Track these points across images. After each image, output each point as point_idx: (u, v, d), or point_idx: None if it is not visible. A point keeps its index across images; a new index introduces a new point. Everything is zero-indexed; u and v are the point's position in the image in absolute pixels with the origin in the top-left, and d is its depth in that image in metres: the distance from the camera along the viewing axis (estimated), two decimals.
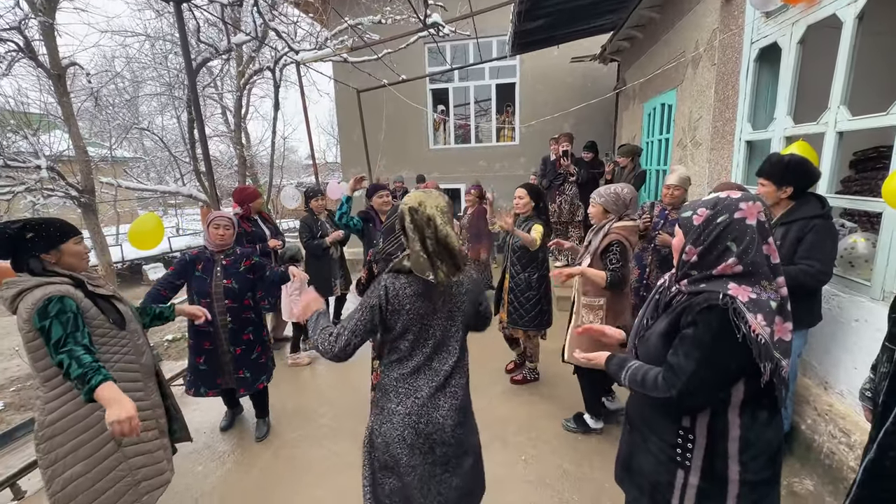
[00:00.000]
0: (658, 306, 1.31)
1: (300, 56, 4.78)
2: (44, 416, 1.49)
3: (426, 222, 1.36)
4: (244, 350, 2.60)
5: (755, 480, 1.14)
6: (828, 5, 2.28)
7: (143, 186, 7.35)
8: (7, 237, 1.45)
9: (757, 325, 1.02)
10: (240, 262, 2.60)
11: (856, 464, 1.97)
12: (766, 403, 1.13)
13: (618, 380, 1.31)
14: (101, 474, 1.54)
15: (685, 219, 1.19)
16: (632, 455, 1.36)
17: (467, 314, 1.50)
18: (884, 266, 1.98)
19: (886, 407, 1.25)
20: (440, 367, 1.45)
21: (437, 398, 1.43)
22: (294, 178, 20.15)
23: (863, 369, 2.07)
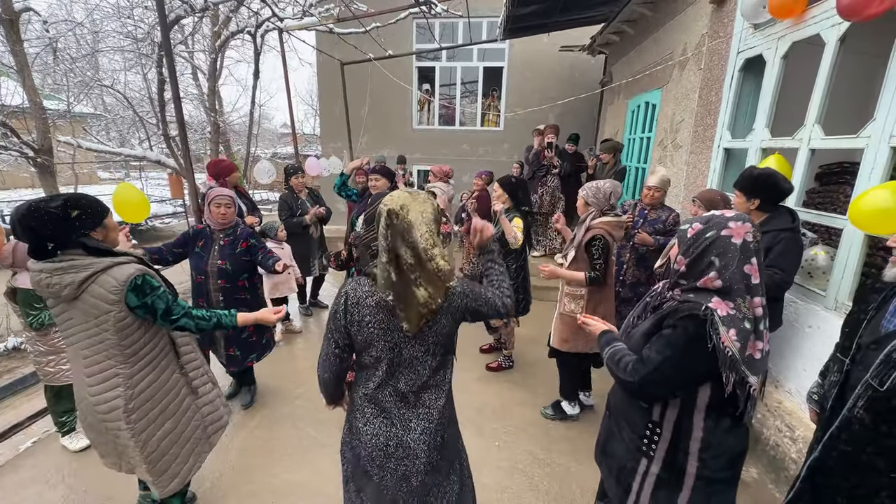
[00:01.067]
0: (647, 309, 1.44)
1: (284, 24, 4.53)
2: (130, 390, 1.54)
3: (404, 230, 1.15)
4: (236, 329, 2.57)
5: (712, 477, 1.27)
6: (813, 24, 2.36)
7: (106, 148, 6.89)
8: (56, 218, 1.35)
9: (727, 339, 1.12)
10: (237, 244, 2.61)
11: (797, 456, 2.17)
12: (730, 412, 1.24)
13: (602, 353, 1.45)
14: (184, 426, 1.71)
15: (682, 231, 1.29)
16: (608, 440, 1.52)
17: (444, 334, 1.27)
18: (839, 279, 2.15)
19: (833, 412, 1.39)
20: (408, 388, 1.28)
21: (408, 420, 1.29)
22: (269, 148, 19.38)
23: (811, 371, 2.26)
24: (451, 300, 1.25)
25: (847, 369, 1.38)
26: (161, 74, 6.22)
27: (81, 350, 1.50)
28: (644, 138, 4.96)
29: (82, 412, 1.62)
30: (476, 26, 8.06)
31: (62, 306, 1.46)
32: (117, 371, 1.52)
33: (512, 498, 2.23)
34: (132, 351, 1.53)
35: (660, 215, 3.04)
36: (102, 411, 1.54)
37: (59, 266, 1.37)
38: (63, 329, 1.52)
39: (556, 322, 2.64)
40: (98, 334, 1.46)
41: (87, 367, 1.51)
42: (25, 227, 1.34)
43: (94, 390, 1.53)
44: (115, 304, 1.42)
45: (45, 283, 1.39)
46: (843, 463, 1.34)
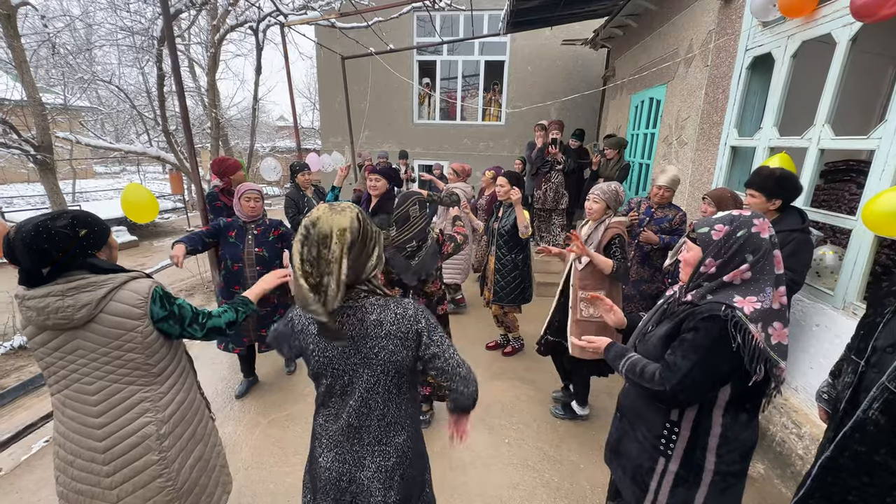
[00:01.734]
0: (664, 314, 1.43)
1: (287, 19, 4.49)
2: (161, 413, 1.41)
3: (321, 240, 1.08)
4: (268, 312, 2.90)
5: (727, 471, 1.30)
6: (824, 24, 2.36)
7: (105, 144, 6.83)
8: (66, 238, 1.24)
9: (757, 334, 1.15)
10: (269, 232, 2.83)
11: (804, 452, 2.21)
12: (748, 407, 1.28)
13: (615, 367, 1.43)
14: (210, 452, 1.61)
15: (703, 234, 1.28)
16: (620, 440, 1.53)
17: (393, 361, 1.16)
18: (847, 279, 2.17)
19: (846, 414, 1.41)
20: (362, 423, 1.19)
21: (362, 458, 1.21)
22: (267, 142, 19.25)
23: (818, 370, 2.30)
24: (399, 323, 1.15)
25: (861, 371, 1.40)
26: (160, 69, 6.15)
27: (90, 385, 1.34)
28: (648, 134, 4.96)
29: (73, 476, 1.38)
30: (477, 20, 7.99)
31: (64, 337, 1.29)
32: (143, 395, 1.39)
33: (523, 495, 2.26)
34: (159, 370, 1.42)
35: (666, 214, 3.05)
36: (123, 450, 1.36)
37: (72, 286, 1.25)
38: (59, 367, 1.33)
39: (574, 328, 2.55)
40: (120, 357, 1.33)
41: (100, 402, 1.35)
42: (35, 249, 1.21)
43: (110, 428, 1.35)
44: (142, 319, 1.34)
45: (55, 308, 1.24)
46: (855, 463, 1.37)
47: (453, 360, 1.22)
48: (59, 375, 1.34)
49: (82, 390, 1.34)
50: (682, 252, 1.39)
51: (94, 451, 1.35)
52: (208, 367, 3.47)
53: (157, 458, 1.40)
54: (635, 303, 3.17)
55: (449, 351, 1.22)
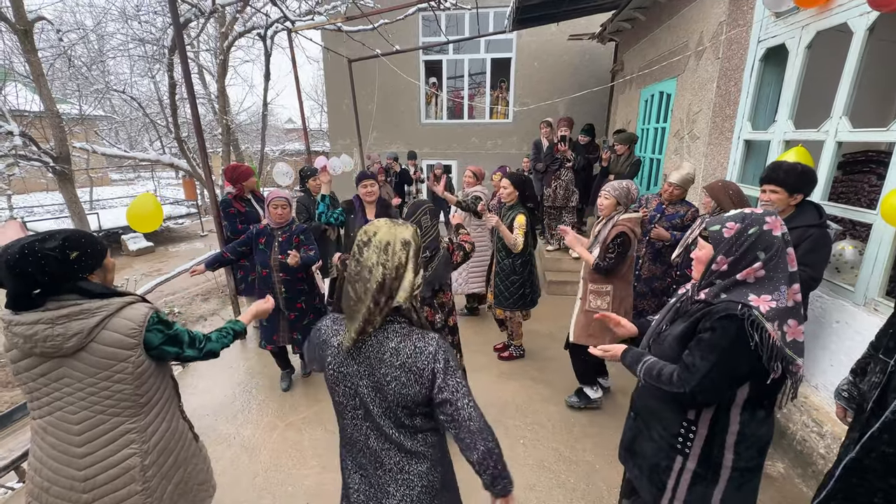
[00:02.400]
0: (678, 313, 1.42)
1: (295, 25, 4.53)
2: (146, 444, 1.37)
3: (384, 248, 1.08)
4: (297, 316, 3.03)
5: (745, 467, 1.31)
6: (840, 13, 2.30)
7: (120, 153, 6.99)
8: (54, 261, 1.17)
9: (774, 332, 1.14)
10: (292, 239, 2.93)
11: (825, 451, 2.17)
12: (765, 404, 1.29)
13: (633, 371, 1.43)
14: (191, 472, 1.57)
15: (715, 232, 1.28)
16: (635, 440, 1.53)
17: (403, 395, 1.09)
18: (868, 275, 2.12)
19: (873, 414, 1.39)
20: (381, 447, 1.15)
21: (386, 484, 1.16)
22: (276, 145, 19.46)
23: (838, 367, 2.25)
24: (417, 358, 1.08)
25: (891, 371, 1.37)
26: (172, 78, 6.26)
27: (74, 414, 1.28)
28: (658, 129, 4.90)
29: (48, 501, 1.32)
30: (483, 17, 7.96)
31: (50, 364, 1.23)
32: (128, 426, 1.33)
33: (540, 496, 2.27)
34: (146, 399, 1.36)
35: (678, 210, 3.02)
36: (105, 480, 1.31)
37: (63, 313, 1.18)
38: (43, 394, 1.27)
39: (580, 318, 2.67)
40: (108, 388, 1.27)
41: (83, 431, 1.29)
42: (19, 272, 1.14)
43: (91, 458, 1.30)
44: (135, 349, 1.28)
45: (44, 336, 1.17)
46: (883, 465, 1.35)
47: (465, 411, 1.10)
48: (42, 402, 1.28)
49: (65, 419, 1.28)
50: (694, 249, 1.39)
51: (74, 480, 1.30)
52: (225, 372, 3.53)
53: (140, 489, 1.36)
54: (648, 300, 3.14)
55: (463, 400, 1.10)
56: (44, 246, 1.17)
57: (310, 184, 4.05)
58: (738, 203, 2.45)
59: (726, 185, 2.55)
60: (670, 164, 4.54)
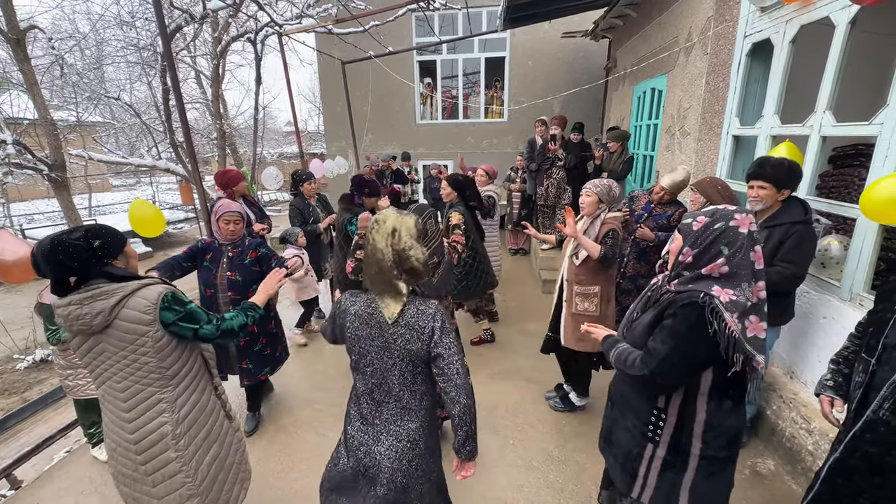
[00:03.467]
0: (649, 302, 1.48)
1: (283, 28, 4.53)
2: (176, 414, 1.51)
3: (391, 232, 1.32)
4: (247, 342, 2.65)
5: (714, 456, 1.35)
6: (823, 6, 2.29)
7: (116, 160, 7.02)
8: (80, 249, 1.35)
9: (732, 323, 1.17)
10: (245, 254, 2.58)
11: (813, 448, 2.16)
12: (731, 394, 1.31)
13: (607, 356, 1.51)
14: (227, 450, 1.69)
15: (685, 225, 1.33)
16: (611, 429, 1.58)
17: (408, 350, 1.32)
18: (853, 269, 2.11)
19: (857, 414, 1.37)
20: (382, 399, 1.37)
21: (379, 433, 1.38)
22: (275, 148, 19.48)
23: (826, 363, 2.22)
24: (419, 317, 1.32)
25: (872, 369, 1.35)
26: (165, 84, 6.28)
27: (118, 383, 1.46)
28: (651, 125, 4.88)
29: (118, 461, 1.53)
30: (476, 17, 7.95)
31: (92, 341, 1.42)
32: (160, 396, 1.49)
33: (528, 496, 2.26)
34: (172, 372, 1.51)
35: (665, 210, 3.00)
36: (147, 445, 1.48)
37: (87, 295, 1.36)
38: (94, 367, 1.47)
39: (569, 322, 2.63)
40: (136, 360, 1.43)
41: (126, 399, 1.47)
42: (52, 261, 1.33)
43: (136, 424, 1.48)
44: (151, 325, 1.42)
45: (76, 315, 1.35)
46: (866, 464, 1.33)
47: (454, 367, 1.33)
48: (96, 374, 1.48)
49: (114, 387, 1.48)
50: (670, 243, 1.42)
51: (129, 443, 1.49)
52: None
53: (175, 456, 1.51)
54: (633, 297, 3.12)
55: (454, 357, 1.33)
56: (70, 237, 1.35)
57: (305, 188, 4.05)
58: (726, 198, 2.44)
59: (714, 181, 2.54)
60: (663, 160, 4.53)
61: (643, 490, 1.44)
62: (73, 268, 1.35)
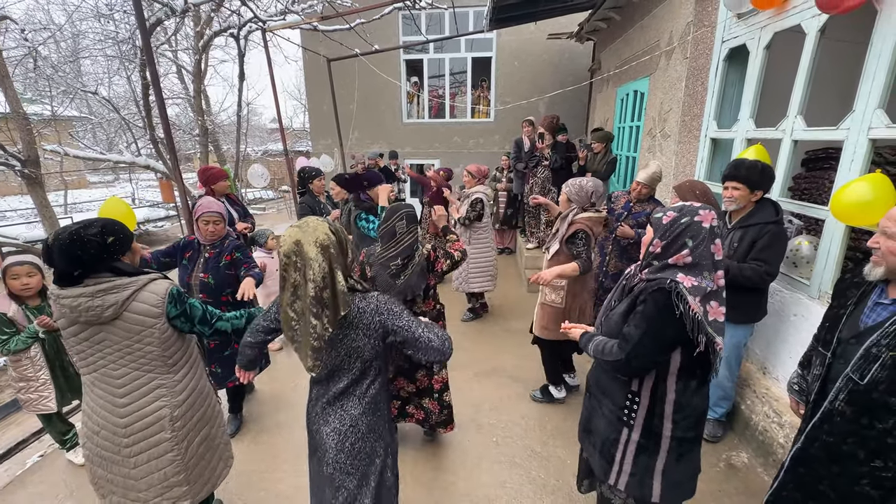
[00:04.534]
0: (623, 291, 1.57)
1: (267, 24, 4.47)
2: (175, 398, 1.60)
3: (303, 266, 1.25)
4: (217, 345, 2.60)
5: (682, 437, 1.44)
6: (794, 14, 2.37)
7: (94, 156, 6.82)
8: (97, 245, 1.41)
9: (695, 305, 1.28)
10: (221, 257, 2.52)
11: (784, 441, 2.24)
12: (697, 374, 1.41)
13: (586, 350, 1.59)
14: (216, 431, 1.80)
15: (656, 219, 1.43)
16: (590, 419, 1.66)
17: (355, 348, 1.36)
18: (822, 268, 2.19)
19: (816, 405, 1.44)
20: (332, 386, 1.44)
21: (328, 413, 1.45)
22: (259, 145, 19.19)
23: (797, 359, 2.29)
24: (361, 316, 1.34)
25: (829, 363, 1.42)
26: (145, 79, 6.14)
27: (115, 371, 1.52)
28: (633, 127, 4.97)
29: (98, 443, 1.57)
30: (462, 16, 7.97)
31: (93, 330, 1.47)
32: (160, 382, 1.58)
33: (511, 492, 2.29)
34: (174, 360, 1.61)
35: (645, 208, 3.06)
36: (141, 427, 1.55)
37: (100, 288, 1.41)
38: (89, 354, 1.51)
39: (538, 311, 2.78)
40: (141, 349, 1.51)
41: (123, 385, 1.53)
42: (70, 254, 1.38)
43: (131, 408, 1.54)
44: (159, 317, 1.51)
45: (86, 307, 1.40)
46: (825, 453, 1.39)
47: (423, 339, 1.39)
48: (89, 361, 1.52)
49: (109, 374, 1.53)
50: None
51: (117, 426, 1.54)
52: None
53: (169, 437, 1.59)
54: None
55: (417, 332, 1.39)
56: (87, 232, 1.41)
57: (315, 184, 4.00)
58: (703, 201, 2.50)
59: (693, 185, 2.60)
60: (644, 162, 4.61)
61: (619, 476, 1.51)
62: (85, 262, 1.41)
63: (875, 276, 1.32)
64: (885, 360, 1.22)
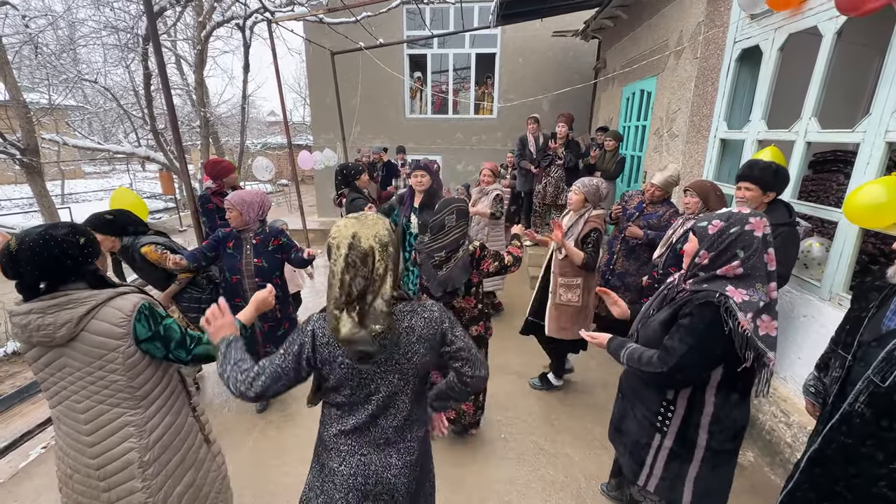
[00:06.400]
0: (665, 300, 1.52)
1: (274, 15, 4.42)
2: (146, 439, 1.35)
3: (361, 259, 1.08)
4: (272, 326, 2.78)
5: (718, 449, 1.41)
6: (811, 16, 2.37)
7: (93, 145, 6.74)
8: (73, 245, 1.22)
9: (745, 322, 1.22)
10: (269, 242, 2.68)
11: (792, 440, 2.26)
12: (739, 388, 1.38)
13: (616, 357, 1.53)
14: (203, 477, 1.52)
15: (701, 228, 1.37)
16: (622, 419, 1.64)
17: (422, 364, 1.20)
18: (833, 270, 2.21)
19: (834, 407, 1.44)
20: (388, 423, 1.21)
21: (389, 456, 1.23)
22: (258, 138, 19.05)
23: (805, 360, 2.34)
24: (429, 327, 1.18)
25: (849, 365, 1.42)
26: (147, 68, 6.06)
27: (78, 403, 1.30)
28: (639, 126, 4.97)
29: (74, 489, 1.36)
30: (468, 11, 7.91)
31: (52, 354, 1.25)
32: (127, 419, 1.32)
33: (520, 489, 2.30)
34: (143, 393, 1.34)
35: (657, 210, 3.05)
36: (111, 472, 1.32)
37: (53, 303, 1.19)
38: (52, 384, 1.30)
39: (552, 311, 2.80)
40: (103, 378, 1.27)
41: (89, 421, 1.30)
42: (47, 256, 1.17)
43: (99, 448, 1.31)
44: (124, 339, 1.26)
45: (36, 326, 1.19)
46: (842, 454, 1.40)
47: (473, 350, 1.27)
48: (52, 392, 1.31)
49: (72, 408, 1.31)
50: (679, 248, 1.47)
51: (89, 468, 1.32)
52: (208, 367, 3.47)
53: (140, 486, 1.34)
54: (620, 293, 3.20)
55: (468, 341, 1.27)
56: (59, 232, 1.21)
57: (360, 181, 3.95)
58: (723, 202, 2.51)
59: (713, 185, 2.55)
60: (650, 161, 4.62)
61: (649, 479, 1.50)
62: (58, 268, 1.20)
63: None
64: None
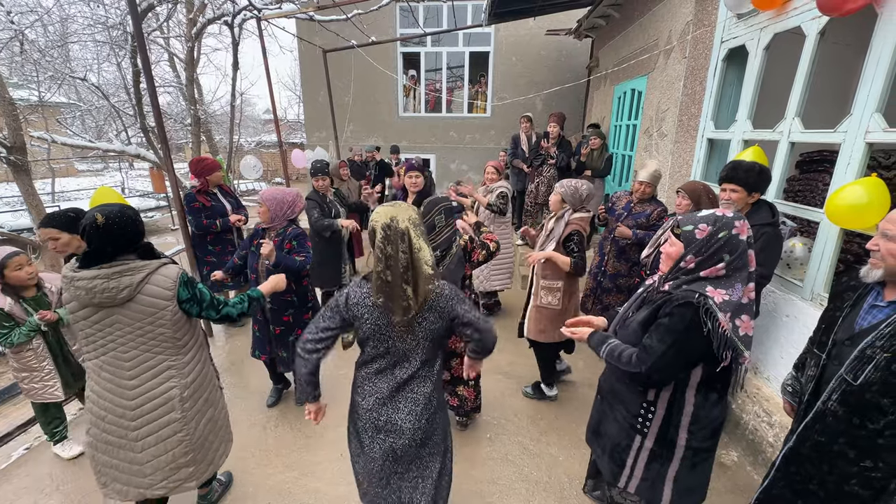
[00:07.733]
0: (643, 301, 1.52)
1: (262, 12, 4.39)
2: (183, 380, 1.66)
3: (400, 237, 1.34)
4: (283, 331, 2.72)
5: (698, 447, 1.42)
6: (795, 16, 2.36)
7: (82, 144, 6.67)
8: (137, 222, 1.52)
9: (725, 322, 1.23)
10: (283, 244, 2.63)
11: (774, 440, 2.27)
12: (717, 387, 1.39)
13: (597, 353, 1.53)
14: (219, 414, 1.88)
15: (687, 232, 1.35)
16: (600, 421, 1.64)
17: (432, 330, 1.44)
18: (815, 270, 2.21)
19: (809, 405, 1.45)
20: (401, 374, 1.48)
21: (398, 401, 1.49)
22: (253, 136, 18.94)
23: (787, 360, 2.34)
24: (438, 299, 1.42)
25: (823, 364, 1.43)
26: (136, 66, 6.00)
27: (125, 353, 1.56)
28: (630, 125, 4.97)
29: (103, 428, 1.61)
30: (461, 10, 7.89)
31: (104, 313, 1.50)
32: (169, 363, 1.62)
33: (503, 489, 2.30)
34: (183, 342, 1.65)
35: (645, 209, 3.05)
36: (151, 408, 1.60)
37: (116, 270, 1.45)
38: (99, 337, 1.54)
39: (533, 313, 2.76)
40: (152, 331, 1.55)
41: (133, 367, 1.57)
42: (117, 232, 1.45)
43: (140, 390, 1.59)
44: (171, 300, 1.55)
45: (101, 289, 1.43)
46: (816, 452, 1.41)
47: (481, 319, 1.51)
48: (98, 345, 1.56)
49: (118, 357, 1.56)
50: (665, 245, 1.46)
51: (125, 409, 1.59)
52: None
53: (179, 416, 1.65)
54: (613, 296, 3.20)
55: (476, 313, 1.50)
56: (130, 211, 1.51)
57: (317, 183, 3.70)
58: (715, 205, 2.47)
59: (706, 187, 2.53)
60: (641, 160, 4.62)
61: (630, 480, 1.51)
62: (126, 240, 1.49)
63: (873, 277, 1.32)
64: (878, 361, 1.23)
